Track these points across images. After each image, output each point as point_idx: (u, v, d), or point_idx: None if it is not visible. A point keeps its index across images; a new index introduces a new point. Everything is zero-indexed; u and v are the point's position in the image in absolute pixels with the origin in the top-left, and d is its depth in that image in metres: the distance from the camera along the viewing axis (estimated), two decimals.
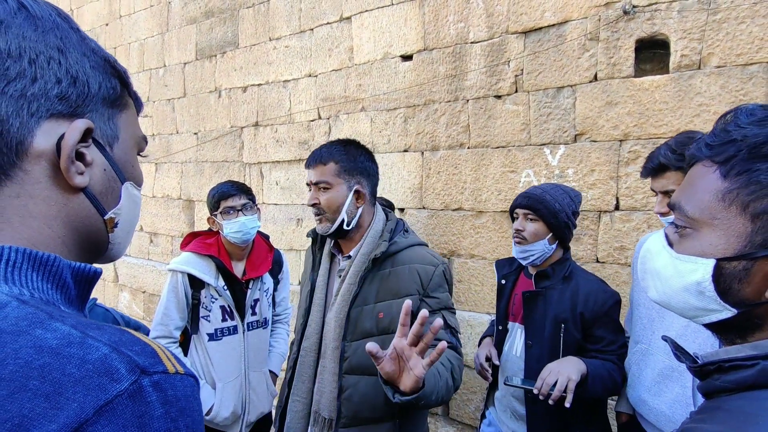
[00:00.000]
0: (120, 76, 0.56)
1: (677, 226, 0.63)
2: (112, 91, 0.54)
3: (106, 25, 5.59)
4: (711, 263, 0.57)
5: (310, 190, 1.56)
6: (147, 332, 2.08)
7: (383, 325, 1.46)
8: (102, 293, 5.55)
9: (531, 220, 1.75)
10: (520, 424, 1.75)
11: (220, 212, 2.09)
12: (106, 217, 0.54)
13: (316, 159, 1.54)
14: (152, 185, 5.08)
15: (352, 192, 1.52)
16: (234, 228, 2.07)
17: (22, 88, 0.46)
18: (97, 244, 0.55)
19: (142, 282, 5.00)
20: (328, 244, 1.64)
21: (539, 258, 1.77)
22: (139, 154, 0.62)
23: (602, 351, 1.68)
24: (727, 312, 0.58)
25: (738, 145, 0.56)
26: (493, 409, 1.91)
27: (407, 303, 1.12)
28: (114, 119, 0.55)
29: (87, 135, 0.50)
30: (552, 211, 1.72)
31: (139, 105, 0.62)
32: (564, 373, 1.50)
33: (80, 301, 0.50)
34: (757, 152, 0.54)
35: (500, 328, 1.90)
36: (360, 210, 1.54)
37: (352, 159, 1.53)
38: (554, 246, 1.77)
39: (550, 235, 1.74)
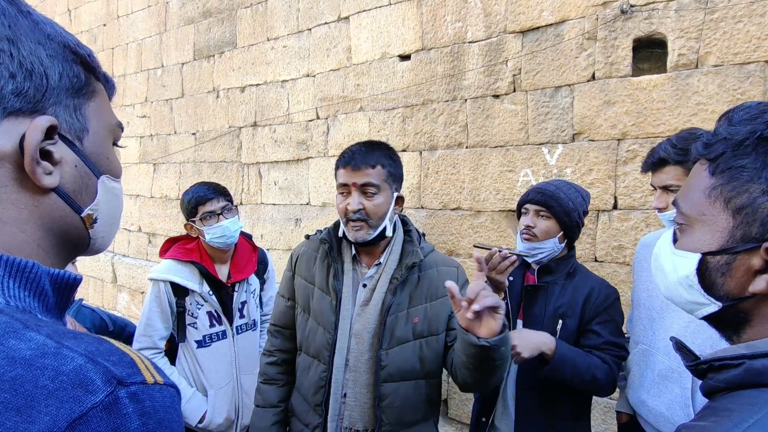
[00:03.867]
0: (84, 61, 0.52)
1: (678, 223, 0.65)
2: (75, 79, 0.50)
3: (104, 25, 5.58)
4: (697, 257, 0.60)
5: (343, 193, 1.47)
6: (134, 329, 2.03)
7: (419, 329, 1.45)
8: (101, 294, 5.55)
9: (543, 217, 1.70)
10: None
11: (200, 218, 1.99)
12: (83, 215, 0.52)
13: (362, 161, 1.45)
14: (150, 186, 5.08)
15: (395, 199, 1.50)
16: (217, 233, 1.98)
17: None
18: (78, 242, 0.53)
19: (141, 283, 5.00)
20: (349, 252, 1.55)
21: (547, 256, 1.73)
22: (115, 144, 0.57)
23: (598, 348, 1.66)
24: (714, 306, 0.60)
25: (726, 143, 0.58)
26: None
27: (450, 283, 1.15)
28: (81, 110, 0.51)
29: (51, 132, 0.47)
30: (566, 209, 1.67)
31: (110, 87, 0.57)
32: (525, 344, 1.52)
33: (59, 309, 0.48)
34: (739, 149, 0.56)
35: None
36: (396, 216, 1.54)
37: (397, 164, 1.51)
38: (563, 245, 1.72)
39: (561, 233, 1.70)
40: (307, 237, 1.67)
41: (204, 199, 1.99)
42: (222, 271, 2.10)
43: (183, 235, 2.15)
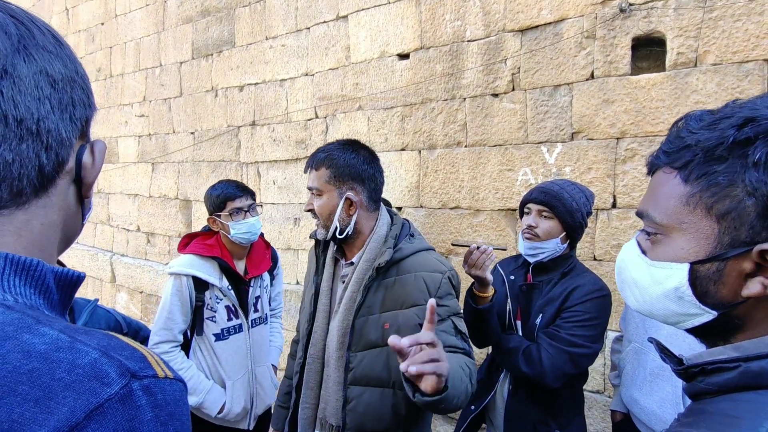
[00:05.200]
0: None
1: (648, 233, 0.63)
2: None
3: (102, 24, 5.57)
4: (686, 267, 0.58)
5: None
6: (148, 333, 2.08)
7: (389, 335, 1.39)
8: (99, 294, 5.54)
9: (546, 217, 1.68)
10: None
11: (227, 213, 2.10)
12: (84, 222, 0.56)
13: (310, 163, 1.50)
14: (149, 185, 5.07)
15: (343, 200, 1.46)
16: (243, 229, 2.10)
17: (71, 112, 0.50)
18: (67, 245, 0.57)
19: (140, 282, 4.99)
20: (332, 248, 1.59)
21: (548, 257, 1.70)
22: None
23: (546, 334, 1.59)
24: (708, 315, 0.58)
25: (693, 150, 0.57)
26: None
27: (432, 302, 1.05)
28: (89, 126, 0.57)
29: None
30: (569, 209, 1.65)
31: None
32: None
33: (62, 306, 0.50)
34: (711, 155, 0.55)
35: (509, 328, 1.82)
36: (354, 218, 1.48)
37: (344, 165, 1.46)
38: (565, 246, 1.70)
39: (564, 234, 1.68)
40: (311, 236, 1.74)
41: (234, 195, 2.12)
42: (239, 267, 2.21)
43: (200, 231, 2.26)
